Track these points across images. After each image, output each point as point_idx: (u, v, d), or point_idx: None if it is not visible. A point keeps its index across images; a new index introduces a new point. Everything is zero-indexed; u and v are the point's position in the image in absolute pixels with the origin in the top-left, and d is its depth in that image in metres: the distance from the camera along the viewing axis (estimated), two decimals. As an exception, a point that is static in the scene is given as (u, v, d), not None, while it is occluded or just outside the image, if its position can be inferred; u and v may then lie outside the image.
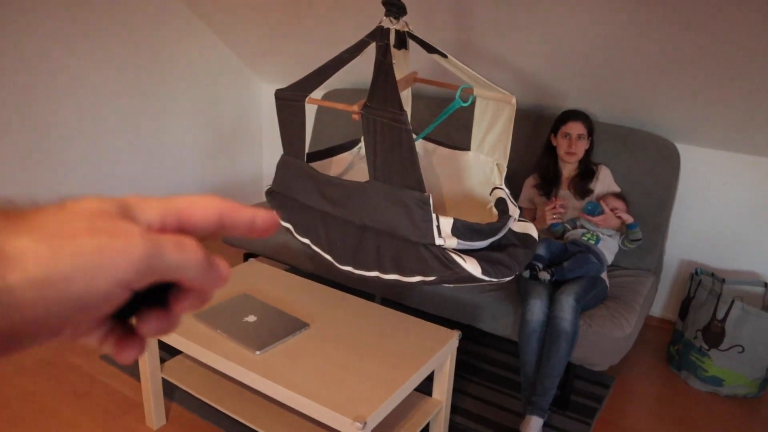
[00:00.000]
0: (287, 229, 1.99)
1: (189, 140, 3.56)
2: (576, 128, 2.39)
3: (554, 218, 2.38)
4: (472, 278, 1.57)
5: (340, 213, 1.73)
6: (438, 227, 1.54)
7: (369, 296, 2.75)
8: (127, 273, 0.27)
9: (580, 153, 2.44)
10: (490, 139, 1.95)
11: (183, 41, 3.34)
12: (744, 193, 2.63)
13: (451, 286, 1.79)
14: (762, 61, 2.02)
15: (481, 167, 2.01)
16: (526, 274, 2.22)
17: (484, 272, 1.56)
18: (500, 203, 1.76)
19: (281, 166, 1.94)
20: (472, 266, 1.55)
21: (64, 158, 2.92)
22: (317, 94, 2.68)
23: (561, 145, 2.42)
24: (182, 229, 0.32)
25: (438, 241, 1.54)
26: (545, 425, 2.15)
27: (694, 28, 2.00)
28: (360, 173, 2.15)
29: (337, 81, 3.43)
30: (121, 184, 3.23)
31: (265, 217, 0.35)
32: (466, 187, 2.04)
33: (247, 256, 3.04)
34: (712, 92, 2.29)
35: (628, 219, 2.35)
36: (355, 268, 1.74)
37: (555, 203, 2.38)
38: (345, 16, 2.74)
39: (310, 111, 3.64)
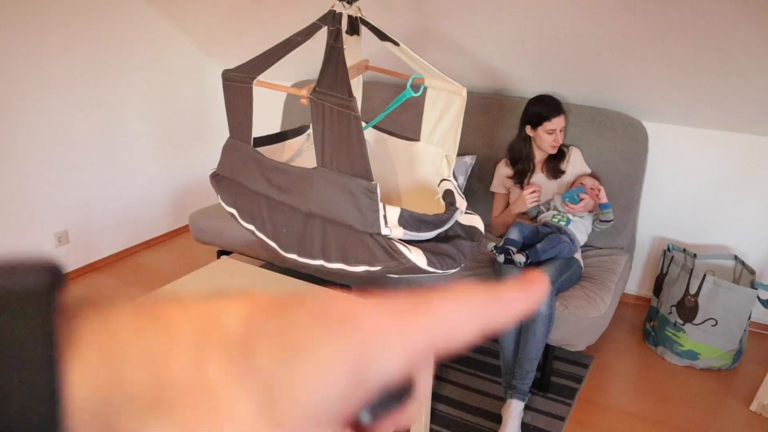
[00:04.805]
0: (231, 215, 1.95)
1: (147, 135, 3.46)
2: (560, 123, 2.38)
3: (534, 201, 2.41)
4: (418, 269, 1.56)
5: (285, 199, 1.70)
6: (384, 216, 1.53)
7: (345, 288, 2.73)
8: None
9: (562, 140, 2.46)
10: (440, 130, 1.93)
11: (133, 26, 3.22)
12: (712, 169, 2.66)
13: (396, 276, 1.78)
14: (728, 36, 2.03)
15: (430, 158, 1.99)
16: (501, 258, 2.22)
17: (429, 263, 1.56)
18: (448, 195, 1.75)
19: (227, 149, 1.90)
20: (417, 257, 1.54)
21: (10, 154, 2.83)
22: (287, 80, 2.78)
23: (545, 140, 2.41)
24: None
25: (384, 231, 1.53)
26: (526, 408, 2.15)
27: (658, 6, 2.00)
28: (308, 160, 2.12)
29: (312, 72, 3.37)
30: (74, 177, 3.15)
31: None
32: (418, 178, 2.03)
33: (220, 254, 2.99)
34: (677, 69, 2.30)
35: (603, 198, 2.36)
36: (300, 255, 1.72)
37: (533, 187, 2.41)
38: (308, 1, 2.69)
39: (280, 96, 3.58)
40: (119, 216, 3.36)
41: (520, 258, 2.19)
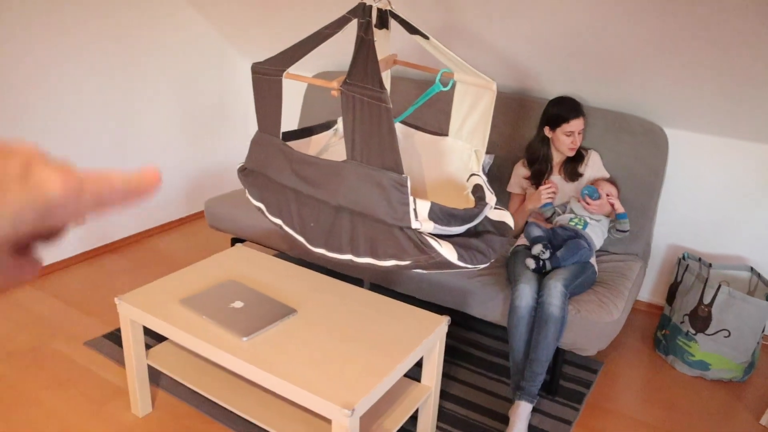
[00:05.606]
0: (259, 209, 1.95)
1: (165, 121, 3.48)
2: (578, 125, 2.37)
3: (549, 197, 2.39)
4: (448, 264, 1.54)
5: (314, 193, 1.69)
6: (415, 210, 1.51)
7: (358, 282, 2.74)
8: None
9: (580, 143, 2.45)
10: (469, 125, 1.91)
11: (159, 15, 3.26)
12: (731, 178, 2.63)
13: (426, 272, 1.76)
14: (751, 46, 2.01)
15: (458, 153, 1.98)
16: (546, 254, 2.23)
17: (460, 258, 1.54)
18: (477, 189, 1.74)
19: (255, 142, 1.90)
20: (448, 251, 1.53)
21: (31, 136, 2.86)
22: (307, 72, 2.67)
23: (563, 141, 2.40)
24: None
25: (414, 225, 1.52)
26: (534, 410, 2.15)
27: (683, 13, 1.98)
28: (336, 154, 2.11)
29: (331, 63, 3.38)
30: (93, 159, 3.18)
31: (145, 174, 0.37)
32: (446, 173, 2.01)
33: (234, 241, 3.01)
34: (702, 77, 2.28)
35: (620, 208, 2.34)
36: (328, 250, 1.70)
37: (550, 183, 2.39)
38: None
39: (299, 90, 3.59)
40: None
41: (530, 263, 2.20)
